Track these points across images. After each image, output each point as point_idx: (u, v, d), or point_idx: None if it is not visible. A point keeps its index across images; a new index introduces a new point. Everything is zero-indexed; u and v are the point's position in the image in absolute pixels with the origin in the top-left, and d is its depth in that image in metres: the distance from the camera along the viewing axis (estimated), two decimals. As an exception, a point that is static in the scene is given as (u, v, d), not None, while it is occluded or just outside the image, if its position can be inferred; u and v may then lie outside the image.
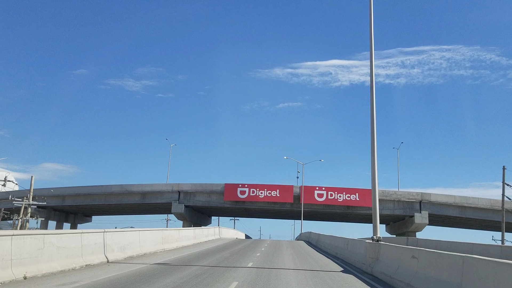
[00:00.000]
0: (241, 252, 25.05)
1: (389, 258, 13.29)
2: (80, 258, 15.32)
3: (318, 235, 35.26)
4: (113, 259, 17.55)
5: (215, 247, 28.97)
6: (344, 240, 22.08)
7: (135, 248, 20.44)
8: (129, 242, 19.92)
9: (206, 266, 16.76)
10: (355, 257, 18.06)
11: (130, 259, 18.88)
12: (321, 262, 19.64)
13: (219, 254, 22.73)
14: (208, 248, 28.00)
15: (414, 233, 65.41)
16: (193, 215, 67.25)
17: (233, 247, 29.92)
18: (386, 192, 62.73)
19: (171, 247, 25.58)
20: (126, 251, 19.40)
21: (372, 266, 14.81)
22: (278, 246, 32.27)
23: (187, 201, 64.13)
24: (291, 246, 32.90)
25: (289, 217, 76.72)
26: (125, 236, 19.51)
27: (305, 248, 32.23)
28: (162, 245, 24.40)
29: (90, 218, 78.43)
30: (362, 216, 67.17)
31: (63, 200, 67.27)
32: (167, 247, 24.99)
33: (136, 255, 20.13)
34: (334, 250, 24.09)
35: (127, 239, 19.67)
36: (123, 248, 19.12)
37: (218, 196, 64.01)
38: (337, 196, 62.51)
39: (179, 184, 64.57)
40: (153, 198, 64.86)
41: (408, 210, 62.51)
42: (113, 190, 65.26)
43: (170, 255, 21.42)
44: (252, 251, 26.21)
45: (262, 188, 63.19)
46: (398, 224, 67.98)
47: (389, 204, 62.72)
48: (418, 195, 62.35)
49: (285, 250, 28.36)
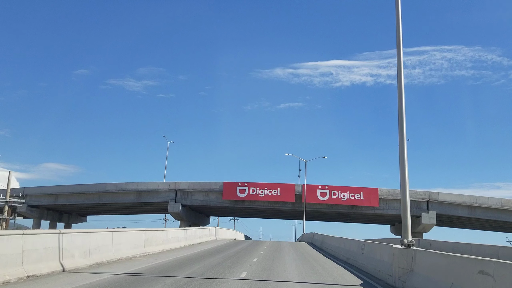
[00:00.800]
0: (236, 256, 21.14)
1: (432, 271, 9.35)
2: (19, 267, 11.41)
3: (323, 237, 31.30)
4: (71, 267, 13.66)
5: (208, 250, 25.05)
6: (358, 243, 18.11)
7: (106, 252, 16.53)
8: (98, 246, 16.00)
9: (186, 277, 12.81)
10: (375, 265, 14.11)
11: (96, 266, 14.98)
12: (332, 271, 15.69)
13: (209, 259, 18.80)
14: (200, 251, 24.08)
15: (421, 234, 61.31)
16: (190, 215, 63.30)
17: (228, 249, 26.01)
18: (392, 191, 58.70)
19: (155, 250, 21.66)
20: (93, 256, 15.49)
21: (404, 280, 10.85)
22: (279, 249, 28.35)
23: (184, 200, 60.20)
24: (293, 249, 28.97)
25: (291, 217, 72.67)
26: (91, 238, 15.58)
27: (309, 251, 28.28)
28: (144, 248, 20.48)
29: (85, 218, 74.48)
30: (367, 216, 63.13)
31: (55, 199, 63.37)
32: (151, 250, 21.07)
33: (106, 261, 16.22)
34: (345, 255, 20.11)
35: (94, 242, 15.75)
36: (88, 253, 15.22)
37: (217, 195, 60.06)
38: (341, 196, 58.51)
39: (176, 183, 60.64)
40: (149, 197, 60.94)
41: (415, 210, 58.43)
42: (108, 189, 61.36)
43: (150, 261, 17.51)
44: (249, 255, 22.30)
45: (262, 187, 59.23)
46: (404, 224, 63.99)
47: (395, 204, 58.66)
48: (426, 195, 58.31)
49: (286, 253, 24.45)
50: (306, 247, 32.29)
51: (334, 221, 71.63)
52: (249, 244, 33.92)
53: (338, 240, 24.00)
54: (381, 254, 13.77)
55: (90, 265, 14.98)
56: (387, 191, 58.54)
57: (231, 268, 15.61)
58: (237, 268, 15.64)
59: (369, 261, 15.05)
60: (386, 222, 68.53)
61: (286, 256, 22.07)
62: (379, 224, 71.69)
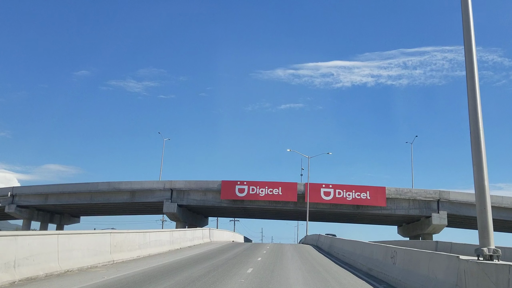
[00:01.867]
0: (226, 265, 16.43)
1: None
2: None
3: (331, 239, 26.47)
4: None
5: (195, 256, 20.34)
6: (385, 250, 13.31)
7: (45, 263, 11.82)
8: (32, 254, 11.29)
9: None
10: (421, 284, 9.36)
11: (22, 283, 10.32)
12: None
13: (190, 271, 14.07)
14: (184, 257, 19.35)
15: (430, 236, 56.47)
16: (187, 215, 58.53)
17: (220, 255, 21.29)
18: (401, 190, 53.89)
19: (127, 257, 16.95)
20: (22, 269, 10.79)
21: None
22: (281, 254, 23.63)
23: (180, 200, 55.45)
24: (297, 254, 24.23)
25: (293, 217, 67.78)
26: (19, 245, 10.90)
27: (316, 257, 23.53)
28: (111, 255, 15.77)
29: (78, 219, 69.67)
30: (374, 217, 58.26)
31: (46, 199, 58.67)
32: (120, 257, 16.36)
33: (44, 274, 11.52)
34: (365, 264, 15.30)
35: (26, 249, 11.07)
36: (12, 264, 10.54)
37: (215, 195, 55.30)
38: (346, 195, 53.67)
39: (172, 182, 55.92)
40: (143, 196, 56.21)
41: (425, 210, 53.60)
42: (100, 188, 56.65)
43: (110, 274, 12.81)
44: (243, 262, 17.60)
45: (262, 186, 54.46)
46: (413, 225, 59.05)
47: (404, 204, 53.87)
48: (436, 194, 53.45)
49: (290, 260, 19.72)
50: (312, 251, 27.55)
51: (338, 221, 66.76)
52: (247, 247, 29.20)
53: (353, 245, 19.17)
54: (431, 267, 9.06)
55: (14, 281, 10.32)
56: (395, 190, 53.74)
57: (215, 284, 10.91)
58: (223, 284, 10.93)
59: (409, 277, 10.32)
60: (393, 223, 63.64)
61: (290, 265, 17.35)
62: (385, 225, 66.79)
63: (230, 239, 42.67)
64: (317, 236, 36.85)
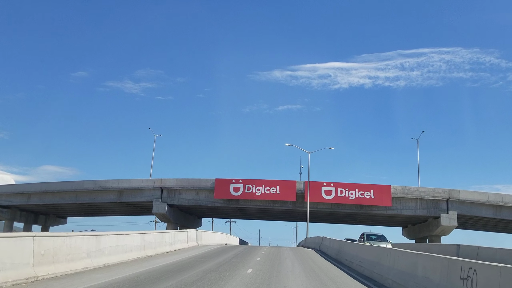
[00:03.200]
0: (202, 281, 11.25)
1: None
2: None
3: (340, 243, 21.15)
4: None
5: (167, 266, 15.11)
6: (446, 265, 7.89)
7: None
8: None
9: None
10: None
11: None
12: None
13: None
14: (150, 269, 14.11)
15: (438, 238, 51.28)
16: (178, 216, 53.25)
17: (200, 264, 16.06)
18: (407, 189, 48.72)
19: (63, 270, 11.73)
20: None
21: None
22: (279, 261, 18.44)
23: (171, 200, 50.20)
24: (298, 262, 19.02)
25: (291, 218, 62.44)
26: None
27: (323, 266, 18.30)
28: (33, 268, 10.56)
29: (65, 220, 64.18)
30: (378, 218, 53.02)
31: (28, 198, 53.34)
32: (51, 271, 11.14)
33: None
34: (404, 284, 9.94)
35: None
36: None
37: (208, 194, 50.07)
38: (348, 194, 48.46)
39: (162, 180, 50.68)
40: (131, 196, 50.94)
41: (433, 210, 48.44)
42: (85, 187, 51.36)
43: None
44: (226, 277, 12.39)
45: (259, 184, 49.24)
46: (419, 226, 53.83)
47: (411, 203, 48.69)
48: (445, 192, 48.29)
49: (290, 272, 14.51)
50: (316, 258, 22.31)
51: (340, 222, 61.47)
52: (239, 252, 23.96)
53: (377, 252, 13.77)
54: None
55: None
56: (401, 188, 48.58)
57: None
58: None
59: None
60: (398, 224, 58.39)
61: (291, 281, 12.14)
62: (389, 226, 61.54)
63: (222, 242, 37.40)
64: (319, 238, 31.57)
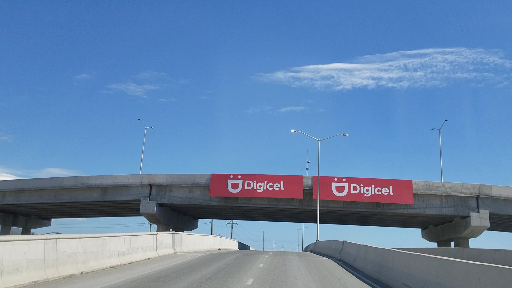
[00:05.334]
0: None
1: None
2: None
3: (384, 254, 13.33)
4: None
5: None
6: None
7: None
8: None
9: None
10: None
11: None
12: None
13: None
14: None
15: (466, 240, 43.48)
16: (171, 216, 45.88)
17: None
18: (431, 184, 41.07)
19: None
20: None
21: None
22: (284, 286, 10.99)
23: (161, 198, 42.89)
24: (318, 285, 11.54)
25: (297, 218, 54.74)
26: None
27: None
28: None
29: (49, 221, 56.92)
30: (397, 218, 45.36)
31: (3, 197, 46.15)
32: None
33: None
34: None
35: None
36: None
37: (202, 191, 42.70)
38: (363, 190, 40.86)
39: (151, 176, 43.37)
40: (116, 194, 43.69)
41: (461, 209, 40.76)
42: (65, 184, 44.21)
43: None
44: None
45: (261, 180, 41.80)
46: (442, 228, 46.06)
47: (435, 201, 41.02)
48: (475, 188, 40.60)
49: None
50: (343, 276, 14.70)
51: (352, 223, 53.73)
52: (228, 263, 16.51)
53: (478, 274, 6.41)
54: None
55: None
56: (424, 184, 40.96)
57: None
58: None
59: None
60: (417, 225, 50.58)
61: None
62: (407, 227, 53.71)
63: (215, 246, 29.89)
64: (338, 244, 23.80)
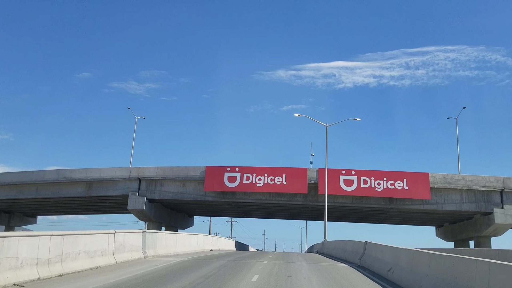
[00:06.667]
0: None
1: None
2: None
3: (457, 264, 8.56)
4: None
5: None
6: None
7: None
8: None
9: None
10: None
11: None
12: None
13: None
14: None
15: (488, 239, 38.74)
16: (162, 213, 41.29)
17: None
18: (450, 177, 36.36)
19: None
20: None
21: None
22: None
23: (151, 193, 38.34)
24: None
25: (301, 215, 49.98)
26: None
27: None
28: None
29: (35, 219, 52.45)
30: (410, 214, 40.61)
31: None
32: None
33: None
34: None
35: None
36: None
37: (196, 186, 38.12)
38: (375, 184, 36.15)
39: (140, 168, 38.83)
40: (102, 188, 39.14)
41: (483, 205, 36.04)
42: (47, 178, 39.69)
43: None
44: None
45: (260, 173, 37.17)
46: (460, 225, 41.29)
47: (454, 195, 36.29)
48: (499, 181, 35.88)
49: None
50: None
51: (361, 221, 48.97)
52: (207, 276, 11.94)
53: None
54: None
55: None
56: (442, 177, 36.24)
57: None
58: None
59: None
60: (432, 222, 45.81)
61: None
62: (421, 225, 48.90)
63: (205, 247, 25.22)
64: (357, 245, 18.87)
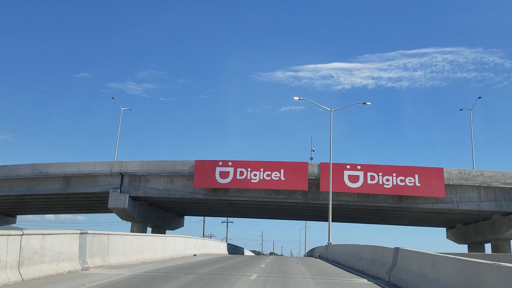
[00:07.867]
0: None
1: None
2: None
3: None
4: None
5: None
6: None
7: None
8: None
9: None
10: None
11: None
12: None
13: None
14: None
15: (507, 242, 34.73)
16: (147, 213, 37.10)
17: None
18: (466, 173, 32.21)
19: None
20: None
21: None
22: None
23: (134, 190, 34.14)
24: None
25: (300, 215, 45.68)
26: None
27: None
28: None
29: (14, 219, 48.16)
30: (421, 214, 36.43)
31: (-51, 189, 37.51)
32: None
33: None
34: None
35: None
36: None
37: (185, 182, 33.94)
38: (383, 180, 31.96)
39: (122, 163, 34.65)
40: (81, 185, 34.95)
41: (504, 203, 31.93)
42: (21, 173, 35.46)
43: None
44: None
45: (256, 168, 32.99)
46: (475, 227, 37.11)
47: (472, 193, 32.12)
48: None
49: None
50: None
51: (366, 222, 44.73)
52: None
53: None
54: None
55: None
56: (458, 173, 32.10)
57: None
58: None
59: None
60: (443, 224, 41.62)
61: None
62: (431, 226, 44.68)
63: (187, 252, 21.01)
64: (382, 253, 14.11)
